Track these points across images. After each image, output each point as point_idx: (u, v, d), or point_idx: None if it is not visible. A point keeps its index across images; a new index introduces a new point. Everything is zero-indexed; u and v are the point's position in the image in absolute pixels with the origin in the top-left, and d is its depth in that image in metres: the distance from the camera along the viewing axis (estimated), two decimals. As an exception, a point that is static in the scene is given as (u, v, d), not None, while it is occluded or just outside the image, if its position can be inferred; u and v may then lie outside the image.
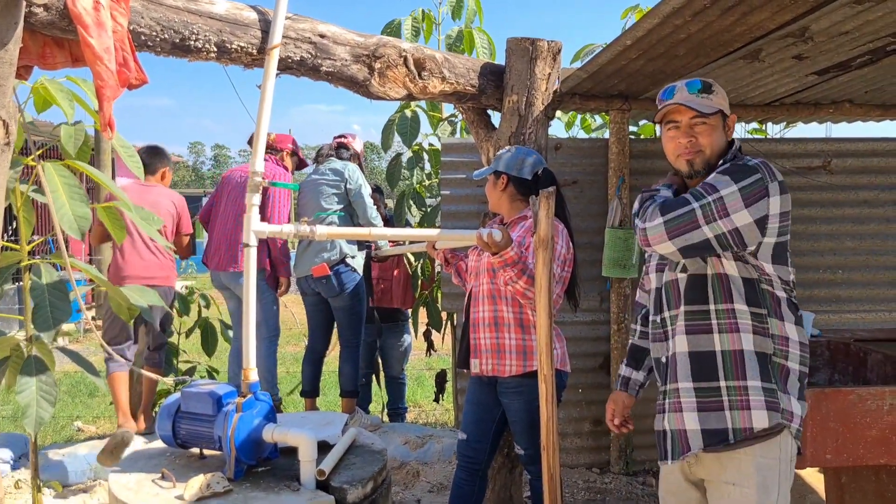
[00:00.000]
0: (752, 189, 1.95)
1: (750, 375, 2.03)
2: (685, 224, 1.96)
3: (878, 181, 4.58)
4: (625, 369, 2.52)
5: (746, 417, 2.02)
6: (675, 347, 2.12)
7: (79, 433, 5.64)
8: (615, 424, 2.51)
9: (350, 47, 2.81)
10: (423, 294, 5.05)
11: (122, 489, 2.30)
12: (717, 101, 2.11)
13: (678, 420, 2.11)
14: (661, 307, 2.19)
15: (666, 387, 2.17)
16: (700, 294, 2.08)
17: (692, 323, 2.09)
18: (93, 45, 2.00)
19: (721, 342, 2.05)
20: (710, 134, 2.11)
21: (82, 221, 2.31)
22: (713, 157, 2.12)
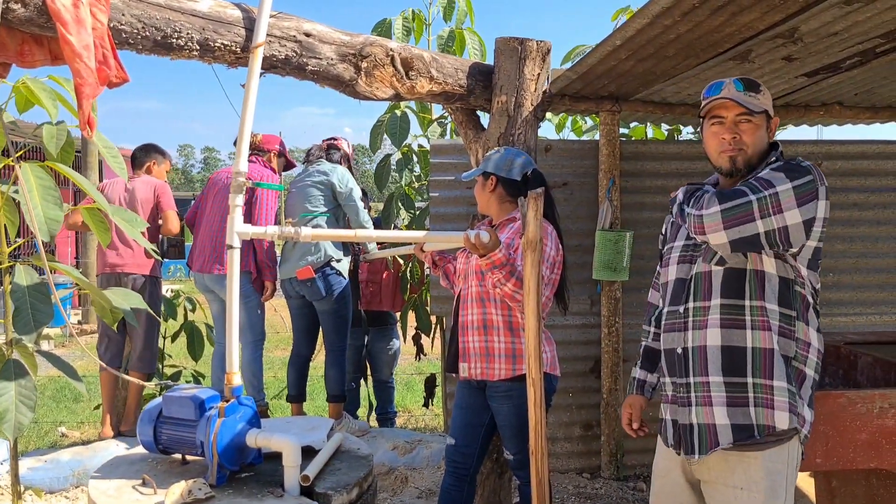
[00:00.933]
0: (805, 189, 1.94)
1: (777, 375, 2.03)
2: (742, 215, 1.93)
3: (868, 184, 4.58)
4: (639, 372, 2.48)
5: (770, 416, 2.02)
6: (704, 340, 2.09)
7: (63, 439, 5.57)
8: (633, 429, 2.47)
9: (336, 46, 2.78)
10: (413, 297, 5.01)
11: (101, 496, 2.25)
12: (763, 101, 2.10)
13: (707, 414, 2.08)
14: (686, 298, 2.16)
15: (690, 379, 2.13)
16: (737, 289, 2.06)
17: (728, 317, 2.06)
18: (72, 42, 1.96)
19: (753, 339, 2.04)
20: (754, 133, 2.10)
21: (52, 224, 2.27)
22: (755, 156, 2.11)
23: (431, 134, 4.93)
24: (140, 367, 4.60)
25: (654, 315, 2.46)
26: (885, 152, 4.59)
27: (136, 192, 4.64)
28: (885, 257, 4.62)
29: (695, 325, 2.12)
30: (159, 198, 4.69)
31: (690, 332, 2.13)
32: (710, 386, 2.08)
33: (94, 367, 7.93)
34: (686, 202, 2.09)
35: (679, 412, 2.17)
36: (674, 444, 2.21)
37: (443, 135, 4.98)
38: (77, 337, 3.48)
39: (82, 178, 2.53)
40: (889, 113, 4.35)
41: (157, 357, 4.75)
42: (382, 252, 4.22)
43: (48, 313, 2.46)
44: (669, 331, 2.21)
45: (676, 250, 2.24)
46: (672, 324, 2.20)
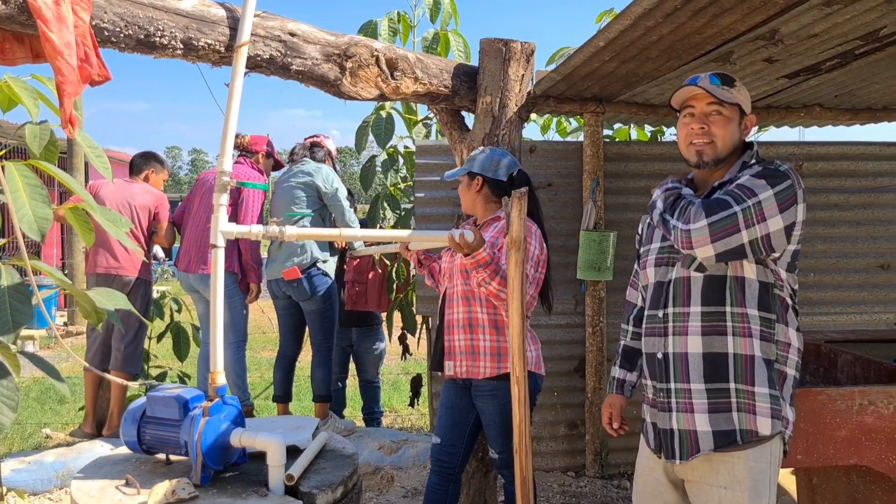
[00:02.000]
0: (785, 195, 1.96)
1: (758, 381, 2.04)
2: (728, 227, 1.93)
3: (848, 184, 4.63)
4: (618, 371, 2.49)
5: (752, 421, 2.03)
6: (685, 347, 2.10)
7: (47, 440, 5.53)
8: (614, 428, 2.48)
9: (321, 46, 2.78)
10: (399, 298, 5.01)
11: (84, 496, 2.24)
12: (736, 95, 2.11)
13: (688, 421, 2.10)
14: (665, 303, 2.16)
15: (670, 385, 2.14)
16: (718, 295, 2.06)
17: (709, 324, 2.07)
18: (53, 39, 1.95)
19: (734, 345, 2.05)
20: (725, 125, 2.10)
21: (43, 223, 2.26)
22: (724, 150, 2.11)
23: (417, 135, 4.94)
24: (124, 368, 4.57)
25: (632, 314, 2.47)
26: (864, 153, 4.64)
27: (136, 196, 4.65)
28: (865, 257, 4.67)
29: (675, 331, 2.13)
30: (158, 208, 4.70)
31: (671, 338, 2.14)
32: (691, 393, 2.09)
33: (80, 368, 7.88)
34: (668, 211, 2.08)
35: (659, 416, 2.19)
36: (654, 448, 2.22)
37: (428, 136, 4.99)
38: (61, 339, 3.47)
39: (67, 176, 2.52)
40: (868, 114, 4.39)
41: (141, 358, 4.73)
42: (369, 249, 4.22)
43: (28, 313, 2.44)
44: (650, 335, 2.22)
45: (653, 252, 2.24)
46: (652, 328, 2.21)
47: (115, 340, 4.61)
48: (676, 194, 2.09)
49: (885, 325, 4.61)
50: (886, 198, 4.65)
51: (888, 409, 2.41)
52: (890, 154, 4.67)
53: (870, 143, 4.66)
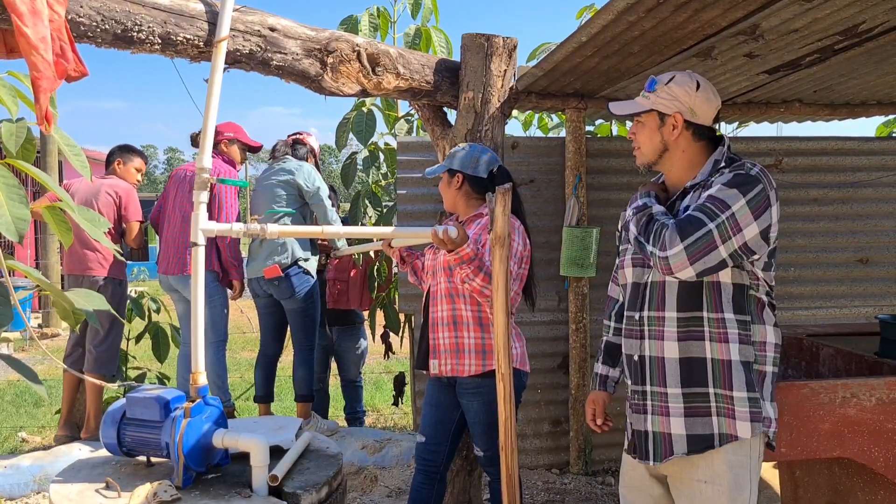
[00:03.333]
0: (758, 201, 1.96)
1: (736, 386, 2.05)
2: (704, 247, 1.93)
3: (828, 179, 4.67)
4: (601, 367, 2.49)
5: (732, 426, 2.04)
6: (661, 352, 2.10)
7: (23, 444, 5.44)
8: (598, 424, 2.48)
9: (301, 41, 2.75)
10: (381, 296, 4.99)
11: (63, 500, 2.20)
12: (654, 100, 2.12)
13: (663, 423, 2.11)
14: (641, 305, 2.17)
15: (646, 388, 2.15)
16: (694, 301, 2.06)
17: (685, 329, 2.07)
18: (28, 34, 1.90)
19: (712, 350, 2.06)
20: (642, 132, 2.18)
21: (20, 223, 2.21)
22: (650, 154, 2.18)
23: (398, 131, 4.92)
24: (97, 369, 4.49)
25: (614, 310, 2.47)
26: (843, 149, 4.69)
27: (100, 195, 4.54)
28: (844, 252, 4.72)
29: (650, 335, 2.13)
30: (125, 206, 4.58)
31: (647, 342, 2.15)
32: (667, 397, 2.10)
33: (57, 371, 7.77)
34: (643, 234, 2.07)
35: (634, 418, 2.20)
36: (628, 449, 2.25)
37: (409, 132, 4.97)
38: (38, 340, 3.41)
39: (46, 176, 2.46)
40: (847, 110, 4.44)
41: (116, 359, 4.65)
42: (351, 248, 4.19)
43: (7, 315, 2.39)
44: (627, 337, 2.23)
45: (630, 252, 2.26)
46: (630, 330, 2.21)
47: (88, 342, 4.54)
48: (648, 215, 2.08)
49: (864, 318, 4.66)
50: (865, 192, 4.69)
51: (870, 401, 2.43)
52: (868, 149, 4.72)
53: (848, 139, 4.71)
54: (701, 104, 2.11)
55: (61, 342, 2.74)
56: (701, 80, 2.13)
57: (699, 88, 2.11)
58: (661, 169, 2.22)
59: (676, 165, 2.16)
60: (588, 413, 2.50)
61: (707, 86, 2.13)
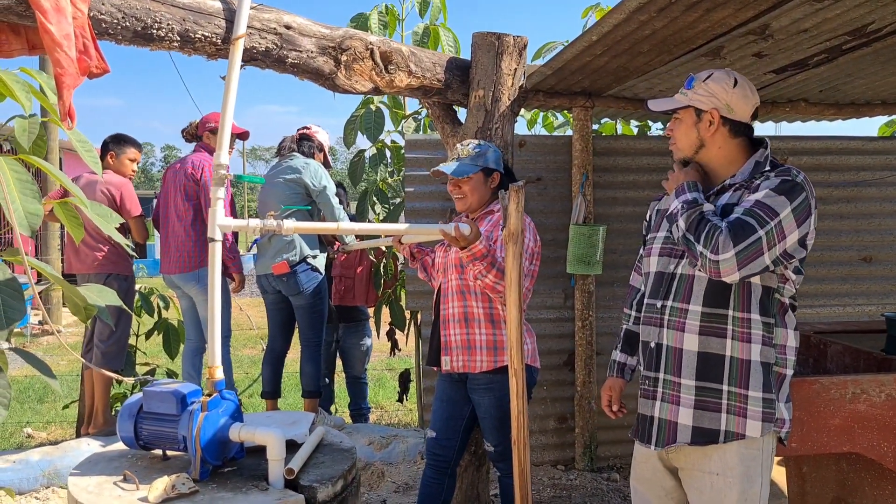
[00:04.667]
0: (802, 208, 1.98)
1: (752, 385, 2.07)
2: (753, 253, 1.95)
3: (832, 178, 4.70)
4: (619, 355, 2.51)
5: (741, 424, 2.07)
6: (680, 343, 2.13)
7: (29, 439, 5.46)
8: (613, 410, 2.50)
9: (316, 39, 2.77)
10: (387, 293, 5.01)
11: (82, 492, 2.22)
12: (692, 96, 2.16)
13: (672, 412, 2.14)
14: (665, 294, 2.19)
15: (659, 375, 2.18)
16: (721, 299, 2.08)
17: (708, 325, 2.09)
18: (52, 31, 1.92)
19: (732, 349, 2.08)
20: (679, 128, 2.21)
21: (33, 218, 2.23)
22: (685, 149, 2.21)
23: (406, 129, 4.94)
24: (104, 364, 4.50)
25: (635, 298, 2.49)
26: (847, 148, 4.71)
27: (96, 192, 4.48)
28: (848, 250, 4.75)
29: (670, 325, 2.16)
30: (122, 202, 4.54)
31: (665, 330, 2.17)
32: (680, 387, 2.13)
33: (60, 366, 7.79)
34: (692, 233, 2.05)
35: (642, 402, 2.24)
36: (632, 433, 2.29)
37: (417, 130, 4.99)
38: (36, 338, 3.42)
39: (59, 172, 2.49)
40: (852, 109, 4.46)
41: (124, 355, 4.65)
42: (360, 244, 4.20)
43: (21, 310, 2.41)
44: (646, 323, 2.26)
45: (658, 241, 2.28)
46: (649, 317, 2.24)
47: (96, 337, 4.55)
48: (700, 213, 2.07)
49: (867, 317, 4.69)
50: (869, 191, 4.72)
51: (880, 397, 2.46)
52: (872, 148, 4.75)
53: (853, 138, 4.74)
54: (738, 101, 2.13)
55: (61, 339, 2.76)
56: (739, 77, 2.15)
57: (736, 85, 2.13)
58: None
59: (713, 161, 2.19)
60: (604, 399, 2.52)
61: (744, 83, 2.15)
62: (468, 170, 2.90)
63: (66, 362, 8.19)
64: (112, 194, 4.54)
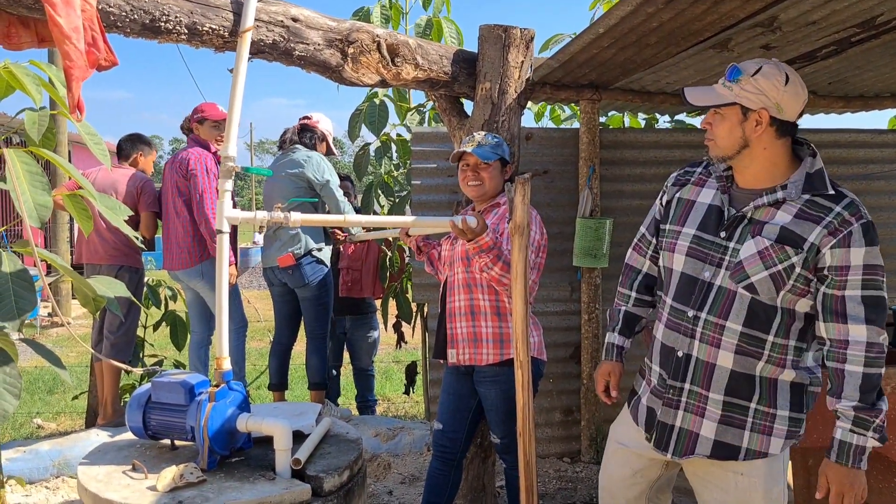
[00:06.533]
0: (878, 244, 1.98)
1: (780, 405, 2.06)
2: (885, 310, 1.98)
3: (841, 171, 4.68)
4: (617, 338, 2.42)
5: (764, 442, 2.06)
6: (714, 358, 2.06)
7: (39, 430, 5.51)
8: (611, 396, 2.42)
9: (323, 32, 2.78)
10: (393, 285, 5.02)
11: (91, 481, 2.25)
12: (738, 92, 1.98)
13: (694, 423, 2.11)
14: (699, 305, 2.08)
15: (685, 385, 2.11)
16: (764, 322, 2.02)
17: (745, 345, 2.03)
18: (61, 24, 1.94)
19: (764, 370, 2.05)
20: (720, 125, 2.04)
21: (42, 210, 2.25)
22: (726, 149, 2.04)
23: (411, 122, 4.93)
24: (112, 356, 4.53)
25: (637, 279, 2.40)
26: (856, 141, 4.70)
27: (118, 184, 4.54)
28: (856, 244, 4.72)
29: (703, 338, 2.07)
30: (140, 196, 4.59)
31: (697, 343, 2.08)
32: (707, 400, 2.08)
33: (69, 358, 7.84)
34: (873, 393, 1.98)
35: (662, 409, 2.17)
36: (646, 433, 2.22)
37: (421, 123, 4.99)
38: (45, 330, 3.45)
39: (69, 164, 2.50)
40: (861, 102, 4.44)
41: (132, 347, 4.68)
42: (367, 235, 4.21)
43: (32, 300, 2.43)
44: (673, 329, 2.14)
45: (686, 238, 2.13)
46: (678, 324, 2.13)
47: (105, 329, 4.59)
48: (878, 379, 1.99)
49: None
50: (878, 185, 4.70)
51: (886, 390, 2.45)
52: (881, 141, 4.73)
53: (861, 131, 4.72)
54: (789, 100, 1.97)
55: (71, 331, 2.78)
56: (790, 71, 1.99)
57: (788, 82, 1.96)
58: (736, 164, 2.08)
59: (756, 163, 2.04)
60: (600, 384, 2.43)
61: (796, 79, 1.99)
62: (491, 155, 2.90)
63: (75, 354, 8.25)
64: (139, 187, 4.59)
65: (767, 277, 1.97)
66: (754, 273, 1.99)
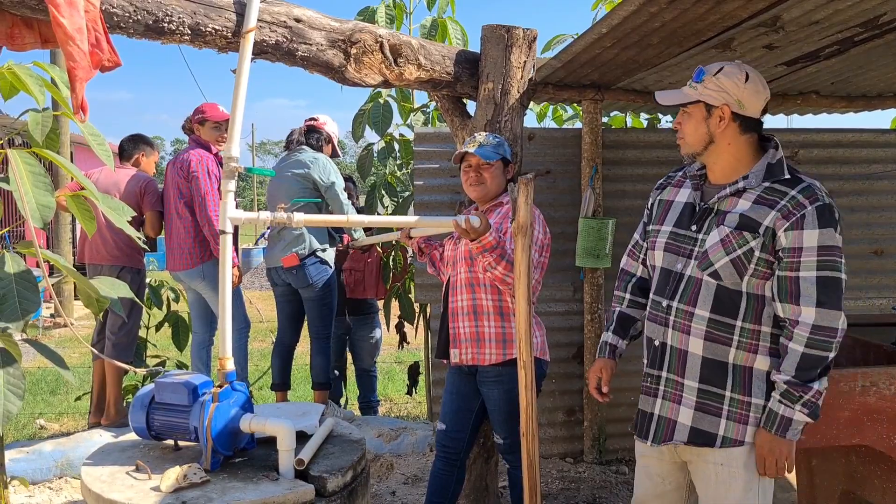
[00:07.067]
0: (840, 223, 2.04)
1: (755, 393, 2.09)
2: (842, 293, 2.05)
3: (843, 171, 4.68)
4: (611, 337, 2.47)
5: (740, 430, 2.09)
6: (686, 345, 2.13)
7: (42, 430, 5.51)
8: (603, 393, 2.45)
9: (326, 32, 2.78)
10: (396, 286, 5.02)
11: (95, 481, 2.25)
12: (702, 91, 2.10)
13: (672, 410, 2.17)
14: (672, 294, 2.18)
15: (662, 373, 2.20)
16: (730, 308, 2.09)
17: (714, 331, 2.10)
18: (64, 24, 1.94)
19: (736, 357, 2.10)
20: (688, 122, 2.17)
21: (45, 210, 2.26)
22: (694, 145, 2.16)
23: (415, 122, 4.93)
24: (114, 356, 4.52)
25: (630, 281, 2.47)
26: (858, 141, 4.69)
27: (121, 184, 4.53)
28: (859, 243, 4.72)
29: (675, 326, 2.16)
30: (144, 196, 4.59)
31: (671, 331, 2.18)
32: (683, 387, 2.15)
33: (73, 358, 7.85)
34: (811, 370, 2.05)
35: (643, 399, 2.25)
36: (631, 427, 2.32)
37: (425, 123, 4.99)
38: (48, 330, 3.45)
39: (72, 165, 2.51)
40: (863, 102, 4.43)
41: (133, 347, 4.68)
42: (370, 238, 4.21)
43: (35, 301, 2.44)
44: (651, 320, 2.26)
45: (664, 235, 2.25)
46: (655, 315, 2.24)
47: (108, 329, 4.59)
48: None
49: (878, 310, 4.67)
50: (880, 185, 4.69)
51: (889, 389, 2.46)
52: (884, 141, 4.72)
53: (864, 131, 4.71)
54: (749, 96, 2.08)
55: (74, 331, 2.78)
56: (750, 70, 2.10)
57: (748, 80, 2.08)
58: (705, 161, 2.19)
59: (722, 158, 2.15)
60: (592, 381, 2.47)
61: (756, 77, 2.10)
62: (492, 155, 2.91)
63: (77, 354, 8.25)
64: (141, 187, 4.58)
65: (728, 263, 2.06)
66: (717, 260, 2.08)
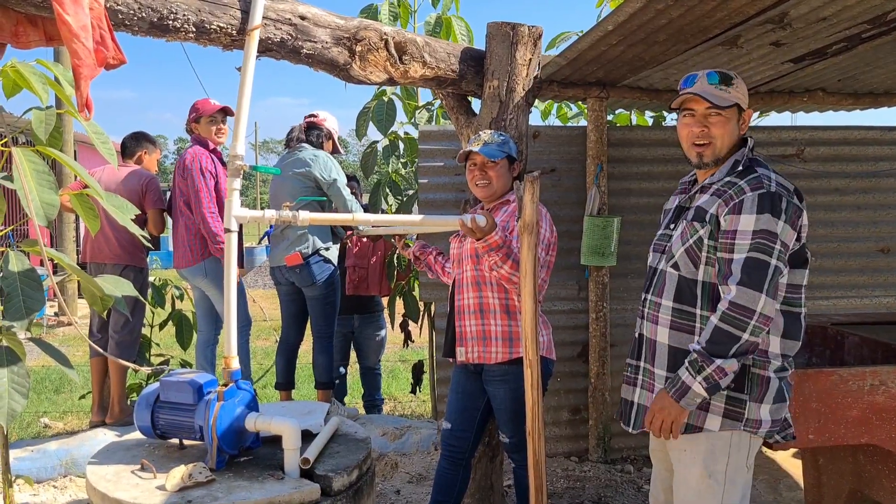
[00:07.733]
0: (791, 215, 2.05)
1: None
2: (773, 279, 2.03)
3: (850, 169, 4.65)
4: None
5: (701, 417, 2.15)
6: (654, 334, 2.24)
7: (46, 429, 5.52)
8: None
9: (331, 30, 2.77)
10: (400, 284, 5.01)
11: (100, 480, 2.24)
12: (734, 94, 2.18)
13: (648, 398, 2.27)
14: (648, 288, 2.32)
15: (640, 363, 2.31)
16: (689, 296, 2.17)
17: (678, 320, 2.19)
18: (69, 22, 1.93)
19: None
20: (724, 126, 2.19)
21: (49, 209, 2.25)
22: (723, 150, 2.21)
23: (419, 120, 4.92)
24: (118, 355, 4.52)
25: None
26: (865, 138, 4.66)
27: (124, 182, 4.53)
28: (866, 241, 4.70)
29: (647, 317, 2.28)
30: (146, 194, 4.58)
31: (645, 322, 2.29)
32: (654, 376, 2.24)
33: (77, 357, 7.85)
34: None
35: (624, 388, 2.38)
36: (616, 415, 2.45)
37: (429, 121, 4.97)
38: (52, 329, 3.45)
39: (76, 163, 2.50)
40: (870, 99, 4.41)
41: (136, 346, 4.67)
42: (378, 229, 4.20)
43: (39, 300, 2.43)
44: (637, 315, 2.39)
45: (656, 237, 2.40)
46: (640, 308, 2.38)
47: (111, 328, 4.59)
48: None
49: (885, 308, 4.65)
50: (887, 182, 4.67)
51: (870, 385, 2.44)
52: (891, 139, 4.69)
53: (871, 128, 4.68)
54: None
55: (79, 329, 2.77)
56: None
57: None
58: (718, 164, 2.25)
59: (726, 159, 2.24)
60: None
61: None
62: (498, 154, 2.90)
63: (81, 353, 8.25)
64: (143, 185, 4.58)
65: (683, 253, 2.17)
66: (676, 251, 2.20)
